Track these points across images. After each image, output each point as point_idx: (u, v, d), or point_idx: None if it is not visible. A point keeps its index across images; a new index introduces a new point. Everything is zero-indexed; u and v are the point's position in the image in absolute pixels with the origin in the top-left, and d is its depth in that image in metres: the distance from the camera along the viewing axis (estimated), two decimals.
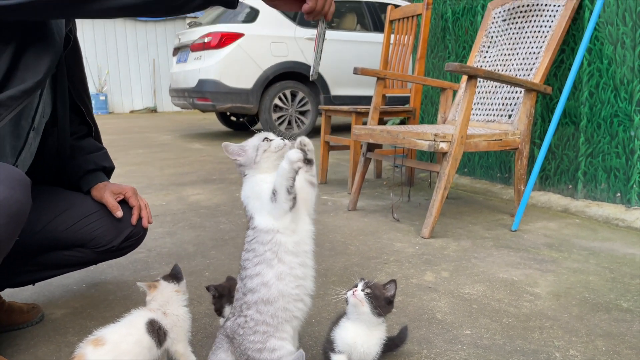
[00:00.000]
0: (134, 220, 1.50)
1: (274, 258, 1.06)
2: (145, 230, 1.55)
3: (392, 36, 3.73)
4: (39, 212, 1.38)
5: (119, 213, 1.46)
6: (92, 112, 1.59)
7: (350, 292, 1.16)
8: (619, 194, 2.60)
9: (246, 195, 1.12)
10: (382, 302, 1.15)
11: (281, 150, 1.10)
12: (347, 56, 6.40)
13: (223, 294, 1.34)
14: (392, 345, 1.34)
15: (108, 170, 1.60)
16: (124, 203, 1.51)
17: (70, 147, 1.52)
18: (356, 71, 3.04)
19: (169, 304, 1.21)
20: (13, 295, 1.68)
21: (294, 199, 1.06)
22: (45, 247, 1.42)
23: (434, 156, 3.67)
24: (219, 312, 1.35)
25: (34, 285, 1.62)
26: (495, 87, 2.89)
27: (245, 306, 1.07)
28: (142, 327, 1.14)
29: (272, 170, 1.09)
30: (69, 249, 1.45)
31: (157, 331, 1.14)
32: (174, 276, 1.28)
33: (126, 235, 1.49)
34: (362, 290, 1.15)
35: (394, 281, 1.18)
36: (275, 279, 1.06)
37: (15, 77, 1.16)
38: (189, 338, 1.25)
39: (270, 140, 1.12)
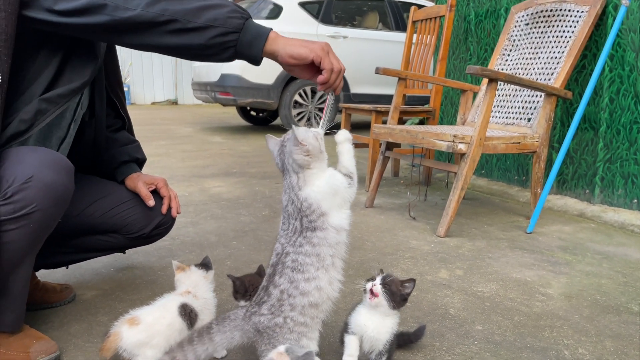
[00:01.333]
0: (164, 209, 1.58)
1: (331, 264, 1.09)
2: (173, 219, 1.63)
3: (415, 36, 3.77)
4: (78, 197, 1.46)
5: (151, 202, 1.54)
6: (125, 106, 1.67)
7: (369, 284, 1.21)
8: (635, 200, 2.61)
9: (321, 191, 1.09)
10: (397, 297, 1.21)
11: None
12: (367, 55, 6.44)
13: (238, 291, 1.38)
14: (407, 340, 1.40)
15: (140, 162, 1.68)
16: (155, 193, 1.59)
17: (106, 139, 1.61)
18: (378, 71, 3.09)
19: (198, 287, 1.28)
20: (46, 276, 1.77)
21: None
22: (82, 231, 1.51)
23: (451, 157, 3.71)
24: (237, 299, 1.41)
25: (67, 268, 1.71)
26: (516, 90, 2.92)
27: (290, 308, 1.08)
28: (174, 310, 1.21)
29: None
30: (103, 234, 1.54)
31: (188, 314, 1.22)
32: (204, 265, 1.36)
33: (156, 223, 1.57)
34: (380, 284, 1.20)
35: (413, 280, 1.22)
36: (327, 283, 1.10)
37: (63, 77, 1.26)
38: None
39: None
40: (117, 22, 1.12)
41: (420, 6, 5.40)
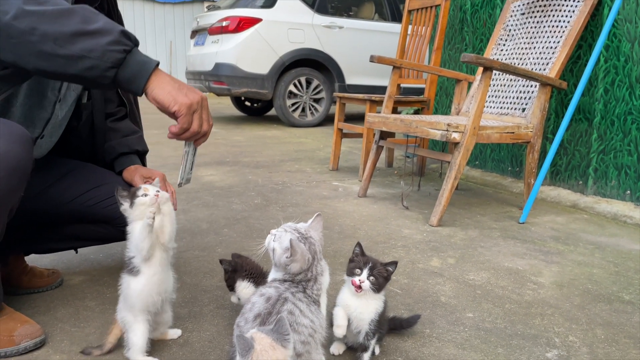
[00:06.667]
0: None
1: (319, 342, 1.06)
2: None
3: (410, 26, 3.74)
4: (72, 184, 1.45)
5: None
6: None
7: (356, 279, 1.20)
8: (628, 192, 2.61)
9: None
10: (382, 282, 1.21)
11: None
12: (363, 45, 6.40)
13: (236, 269, 1.38)
14: (398, 325, 1.39)
15: (141, 154, 1.65)
16: None
17: (108, 129, 1.58)
18: (372, 59, 3.06)
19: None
20: (34, 261, 1.75)
21: None
22: (73, 219, 1.48)
23: (445, 147, 3.69)
24: (231, 287, 1.39)
25: (76, 251, 1.70)
26: (510, 80, 2.90)
27: None
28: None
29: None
30: (95, 224, 1.51)
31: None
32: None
33: None
34: (368, 278, 1.19)
35: (395, 263, 1.22)
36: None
37: None
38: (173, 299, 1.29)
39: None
40: None
41: None
